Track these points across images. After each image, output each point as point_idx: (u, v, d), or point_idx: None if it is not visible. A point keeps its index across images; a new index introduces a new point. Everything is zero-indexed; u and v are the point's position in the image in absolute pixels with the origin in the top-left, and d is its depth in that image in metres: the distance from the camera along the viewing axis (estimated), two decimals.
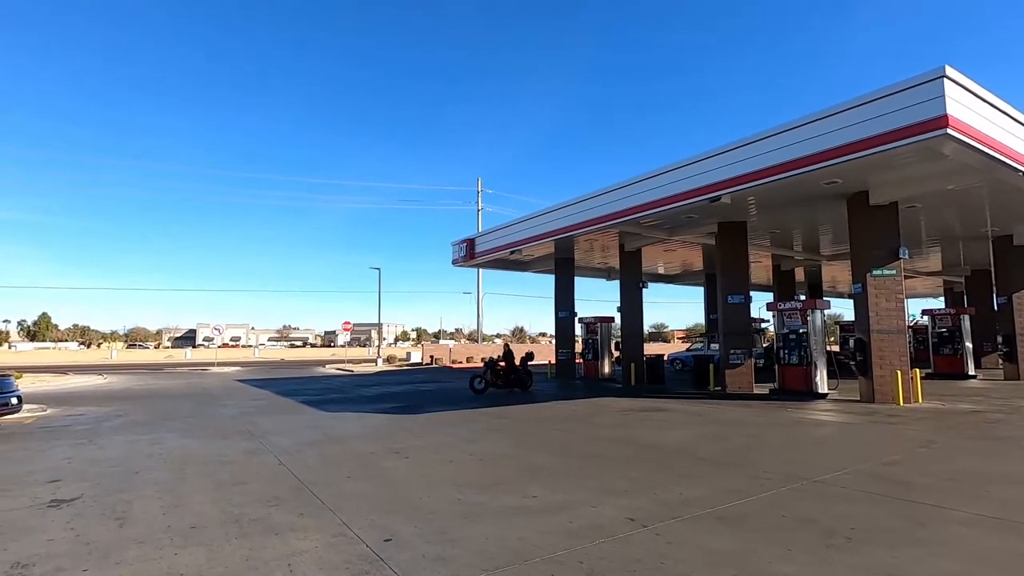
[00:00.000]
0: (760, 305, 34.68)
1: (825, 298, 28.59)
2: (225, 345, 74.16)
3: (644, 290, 20.75)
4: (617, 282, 21.22)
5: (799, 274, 27.68)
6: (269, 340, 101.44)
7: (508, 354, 16.32)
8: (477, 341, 49.79)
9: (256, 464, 7.29)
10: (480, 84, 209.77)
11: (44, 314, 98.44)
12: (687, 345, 38.00)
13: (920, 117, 9.36)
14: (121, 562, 3.96)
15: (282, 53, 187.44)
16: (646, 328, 21.44)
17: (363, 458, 7.55)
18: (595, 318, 22.31)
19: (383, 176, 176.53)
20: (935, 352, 19.98)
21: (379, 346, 42.13)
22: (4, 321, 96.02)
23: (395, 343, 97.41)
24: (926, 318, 21.38)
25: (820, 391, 13.85)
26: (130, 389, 19.94)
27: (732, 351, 15.75)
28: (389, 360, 40.35)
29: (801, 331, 14.31)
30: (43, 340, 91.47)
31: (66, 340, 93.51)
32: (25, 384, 16.05)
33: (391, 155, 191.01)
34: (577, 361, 23.53)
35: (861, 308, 12.93)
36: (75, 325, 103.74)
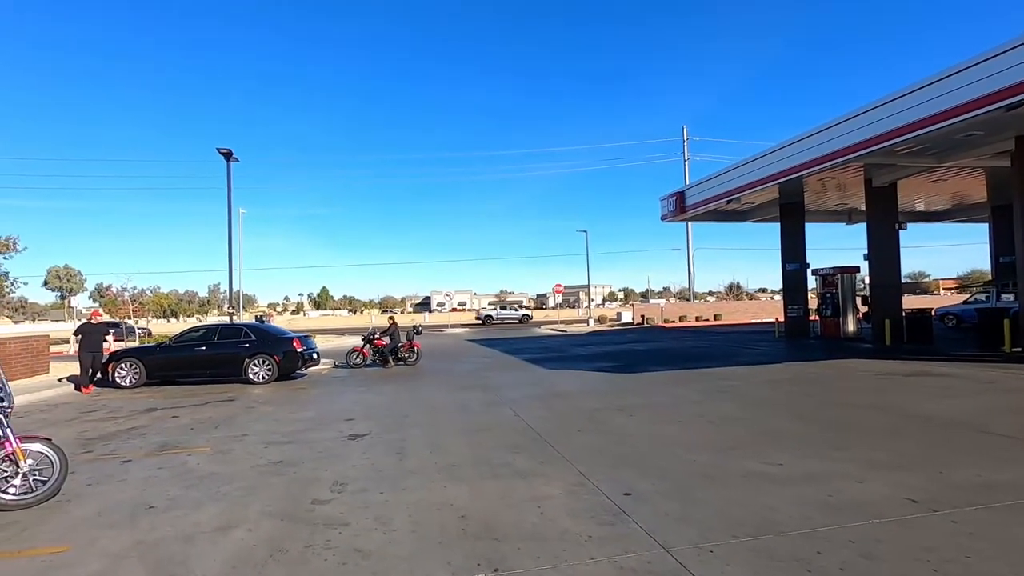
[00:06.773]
0: None
1: None
2: (454, 309, 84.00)
3: (901, 232, 17.32)
4: (860, 225, 18.07)
5: None
6: (489, 303, 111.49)
7: (392, 330, 15.70)
8: (689, 300, 47.57)
9: (495, 413, 8.09)
10: (676, 31, 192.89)
11: (324, 288, 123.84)
12: (963, 297, 30.76)
13: None
14: (406, 488, 4.77)
15: (492, 35, 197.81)
16: (902, 278, 17.89)
17: (588, 413, 7.83)
18: (834, 269, 19.49)
19: (587, 139, 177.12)
20: None
21: (589, 306, 43.11)
22: (299, 294, 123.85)
23: (603, 304, 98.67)
24: None
25: None
26: None
27: None
28: (600, 320, 41.09)
29: None
30: (324, 308, 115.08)
31: (339, 308, 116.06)
32: (318, 343, 20.36)
33: (593, 120, 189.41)
34: (812, 319, 20.94)
35: None
36: (344, 296, 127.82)
